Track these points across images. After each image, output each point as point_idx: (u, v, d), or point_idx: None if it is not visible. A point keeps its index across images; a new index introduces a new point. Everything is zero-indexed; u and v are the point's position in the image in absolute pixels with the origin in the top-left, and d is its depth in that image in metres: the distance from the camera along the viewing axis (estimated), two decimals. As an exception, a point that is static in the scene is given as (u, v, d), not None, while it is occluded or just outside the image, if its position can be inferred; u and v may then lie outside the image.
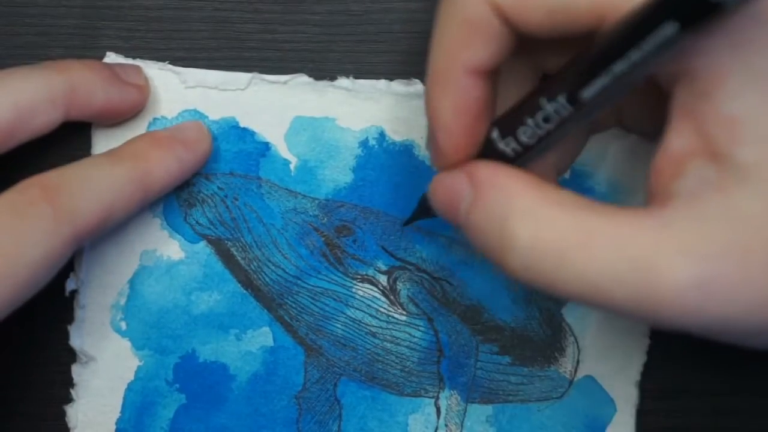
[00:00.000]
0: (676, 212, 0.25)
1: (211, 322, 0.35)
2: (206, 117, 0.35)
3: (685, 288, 0.24)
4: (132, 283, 0.35)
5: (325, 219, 0.35)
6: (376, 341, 0.36)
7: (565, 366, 0.36)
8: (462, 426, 0.36)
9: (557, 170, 0.31)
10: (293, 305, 0.35)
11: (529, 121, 0.27)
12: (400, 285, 0.36)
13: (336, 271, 0.35)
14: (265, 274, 0.35)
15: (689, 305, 0.24)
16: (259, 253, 0.35)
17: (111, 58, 0.35)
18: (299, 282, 0.35)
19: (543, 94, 0.27)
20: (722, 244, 0.24)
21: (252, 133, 0.35)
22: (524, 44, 0.27)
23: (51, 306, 0.35)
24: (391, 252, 0.36)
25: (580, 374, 0.36)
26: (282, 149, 0.35)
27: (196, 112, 0.35)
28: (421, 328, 0.36)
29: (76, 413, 0.35)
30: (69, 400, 0.35)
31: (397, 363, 0.36)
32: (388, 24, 0.36)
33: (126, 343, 0.35)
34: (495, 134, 0.28)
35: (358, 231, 0.35)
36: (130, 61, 0.35)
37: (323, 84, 0.35)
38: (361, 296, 0.35)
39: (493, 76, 0.28)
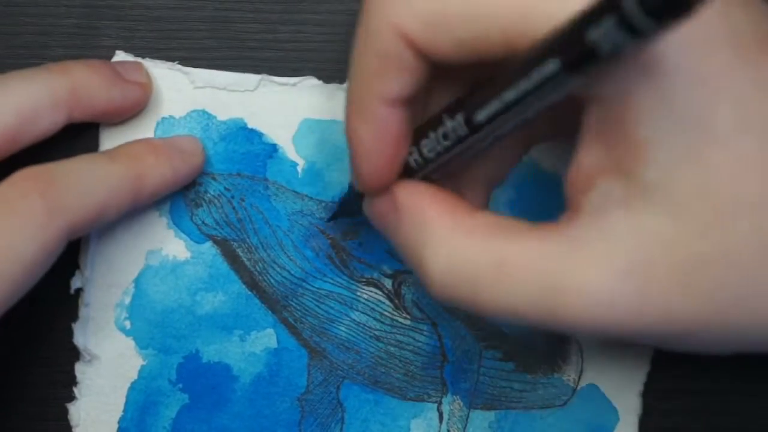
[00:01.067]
0: (583, 228, 0.26)
1: (216, 322, 0.35)
2: (214, 117, 0.35)
3: (593, 307, 0.25)
4: (137, 282, 0.35)
5: (332, 222, 0.35)
6: (380, 345, 0.36)
7: (569, 374, 0.36)
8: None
9: (489, 179, 0.31)
10: (298, 307, 0.35)
11: (431, 135, 0.28)
12: (404, 289, 0.36)
13: (341, 274, 0.35)
14: (271, 275, 0.35)
15: (597, 322, 0.25)
16: (265, 254, 0.35)
17: (120, 56, 0.35)
18: (304, 284, 0.35)
19: (446, 111, 0.28)
20: (625, 260, 0.25)
21: (260, 135, 0.35)
22: (445, 69, 0.28)
23: (55, 304, 0.35)
24: (397, 256, 0.35)
25: (583, 382, 0.36)
26: (290, 151, 0.35)
27: (204, 112, 0.35)
28: (425, 333, 0.36)
29: (79, 411, 0.35)
30: (72, 398, 0.35)
31: (400, 367, 0.36)
32: (389, 24, 0.35)
33: (130, 342, 0.35)
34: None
35: (364, 234, 0.35)
36: (138, 59, 0.35)
37: (332, 87, 0.35)
38: (366, 299, 0.35)
39: (411, 103, 0.28)
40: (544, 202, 0.35)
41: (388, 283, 0.36)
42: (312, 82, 0.35)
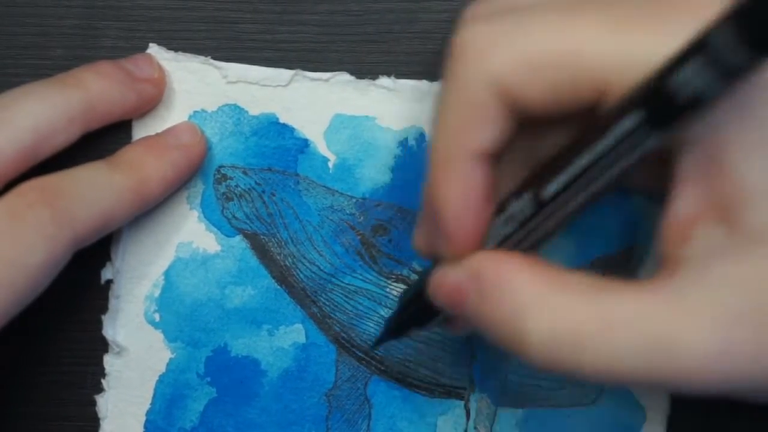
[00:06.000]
0: (688, 281, 0.25)
1: (244, 316, 0.35)
2: (246, 112, 0.35)
3: (707, 360, 0.24)
4: (167, 274, 0.35)
5: (362, 218, 0.35)
6: (409, 341, 0.36)
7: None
8: (491, 430, 0.36)
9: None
10: (327, 303, 0.35)
11: (497, 220, 0.27)
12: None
13: (371, 270, 0.35)
14: (300, 270, 0.35)
15: (712, 374, 0.24)
16: (295, 249, 0.35)
17: (153, 50, 0.35)
18: (333, 280, 0.35)
19: (511, 194, 0.27)
20: (737, 310, 0.24)
21: (291, 130, 0.35)
22: (521, 130, 0.27)
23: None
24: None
25: (611, 381, 0.36)
26: (321, 146, 0.35)
27: (236, 107, 0.35)
28: (453, 330, 0.36)
29: (107, 403, 0.35)
30: (100, 390, 0.35)
31: (428, 364, 0.36)
32: (388, 24, 0.36)
33: (159, 335, 0.35)
34: None
35: (394, 231, 0.35)
36: (172, 53, 0.35)
37: (365, 83, 0.35)
38: (395, 296, 0.35)
39: (495, 161, 0.27)
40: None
41: (416, 280, 0.36)
42: (344, 77, 0.35)
